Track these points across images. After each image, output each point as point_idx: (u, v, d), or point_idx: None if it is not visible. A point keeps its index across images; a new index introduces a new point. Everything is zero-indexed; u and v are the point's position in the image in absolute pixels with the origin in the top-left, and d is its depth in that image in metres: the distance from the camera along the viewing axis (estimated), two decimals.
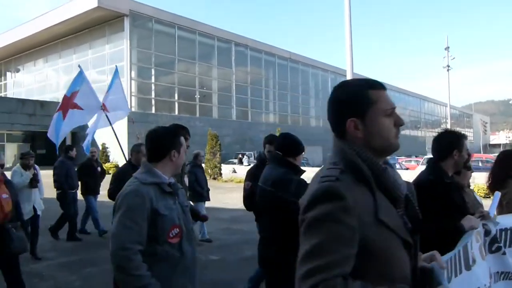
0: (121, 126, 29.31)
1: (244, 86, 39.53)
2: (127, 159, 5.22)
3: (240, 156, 29.40)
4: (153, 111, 31.88)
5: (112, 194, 4.84)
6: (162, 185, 2.27)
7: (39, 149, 28.83)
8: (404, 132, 62.61)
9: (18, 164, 6.62)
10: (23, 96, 36.93)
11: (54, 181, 7.83)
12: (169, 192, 2.28)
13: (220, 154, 22.19)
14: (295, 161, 3.18)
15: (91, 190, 8.45)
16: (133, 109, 30.34)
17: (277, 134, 17.02)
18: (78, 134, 32.76)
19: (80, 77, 6.02)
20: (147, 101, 32.26)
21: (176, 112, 32.39)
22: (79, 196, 8.35)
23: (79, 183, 8.36)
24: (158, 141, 2.36)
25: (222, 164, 23.05)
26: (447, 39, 38.54)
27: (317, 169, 1.47)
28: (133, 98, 30.73)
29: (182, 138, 2.43)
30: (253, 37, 50.59)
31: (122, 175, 4.79)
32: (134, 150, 5.11)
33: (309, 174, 2.61)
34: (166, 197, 2.26)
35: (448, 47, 38.14)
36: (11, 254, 3.93)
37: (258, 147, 36.68)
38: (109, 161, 26.96)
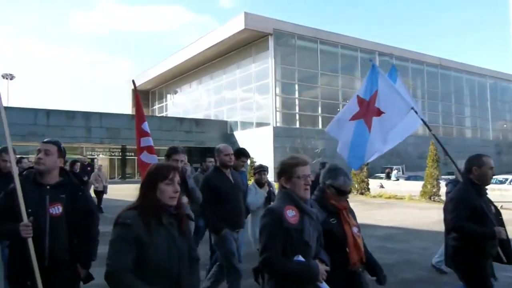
0: (267, 139, 30.25)
1: None
2: (463, 175, 3.92)
3: (388, 170, 27.89)
4: (297, 125, 32.27)
5: (458, 223, 3.51)
6: None
7: (194, 163, 31.40)
8: None
9: (253, 181, 5.91)
10: (180, 115, 40.84)
11: None
12: None
13: (367, 168, 21.18)
14: None
15: None
16: (278, 124, 31.12)
17: (430, 147, 15.29)
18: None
19: (375, 74, 4.73)
20: (292, 116, 32.79)
21: (320, 126, 32.20)
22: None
23: None
24: None
25: (369, 179, 22.00)
26: None
27: None
28: (277, 113, 31.54)
29: None
30: (398, 45, 47.86)
31: (467, 197, 3.52)
32: (476, 164, 3.72)
33: None
34: None
35: None
36: None
37: (407, 161, 34.57)
38: None
